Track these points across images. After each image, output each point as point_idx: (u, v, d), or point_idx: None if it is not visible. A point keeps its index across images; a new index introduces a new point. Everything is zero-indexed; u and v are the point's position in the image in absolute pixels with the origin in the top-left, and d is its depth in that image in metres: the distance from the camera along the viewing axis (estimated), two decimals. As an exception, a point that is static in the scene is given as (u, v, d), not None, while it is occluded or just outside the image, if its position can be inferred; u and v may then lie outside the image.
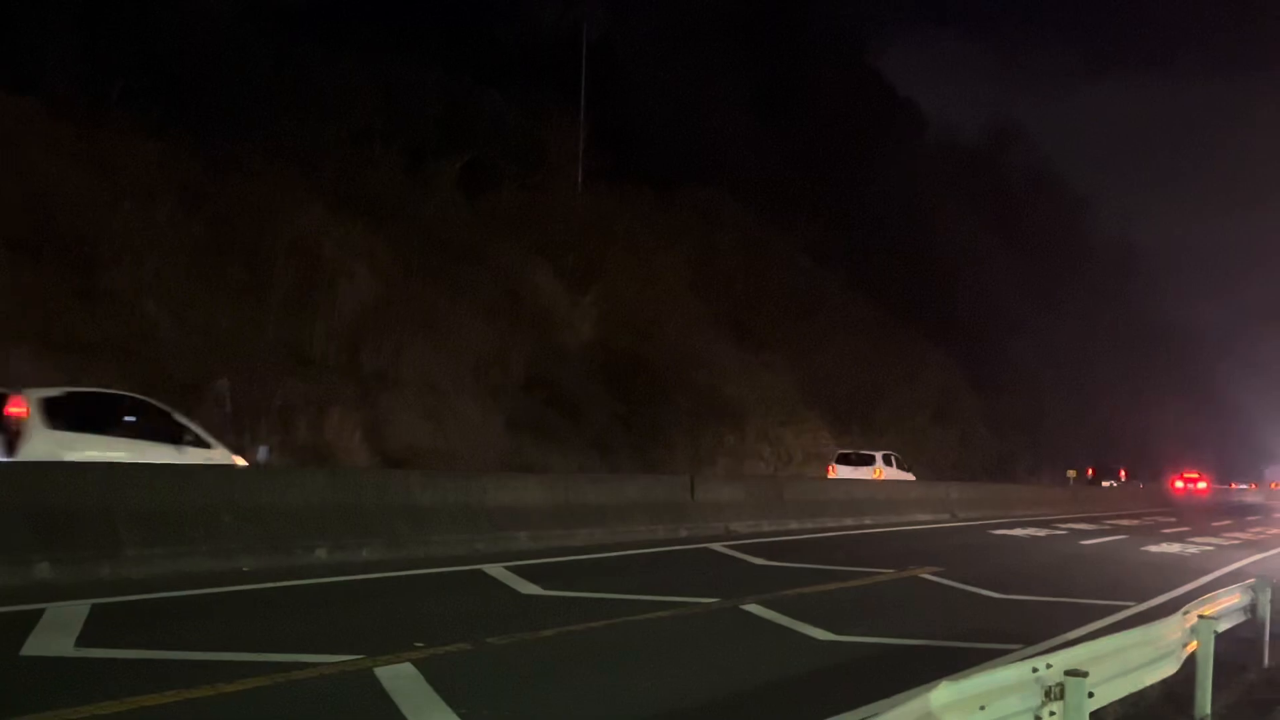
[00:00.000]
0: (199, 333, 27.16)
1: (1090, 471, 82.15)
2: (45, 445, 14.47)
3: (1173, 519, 39.78)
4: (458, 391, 32.09)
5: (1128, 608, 13.80)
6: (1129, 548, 24.86)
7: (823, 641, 10.72)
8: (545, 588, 12.98)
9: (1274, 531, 36.76)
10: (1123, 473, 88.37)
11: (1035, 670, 6.04)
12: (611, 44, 51.77)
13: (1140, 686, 7.78)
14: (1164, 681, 8.27)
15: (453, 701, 7.61)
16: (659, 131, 51.51)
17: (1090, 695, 6.29)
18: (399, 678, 8.13)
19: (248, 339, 28.09)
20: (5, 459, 14.04)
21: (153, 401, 16.65)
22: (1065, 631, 11.43)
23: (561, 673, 8.92)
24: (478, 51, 45.95)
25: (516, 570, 14.11)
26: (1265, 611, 10.94)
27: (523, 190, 42.43)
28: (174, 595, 11.22)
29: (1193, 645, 8.65)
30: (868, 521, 26.26)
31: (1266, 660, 10.76)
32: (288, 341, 29.55)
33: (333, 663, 8.49)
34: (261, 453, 23.86)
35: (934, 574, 16.53)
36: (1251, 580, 11.33)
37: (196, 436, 16.69)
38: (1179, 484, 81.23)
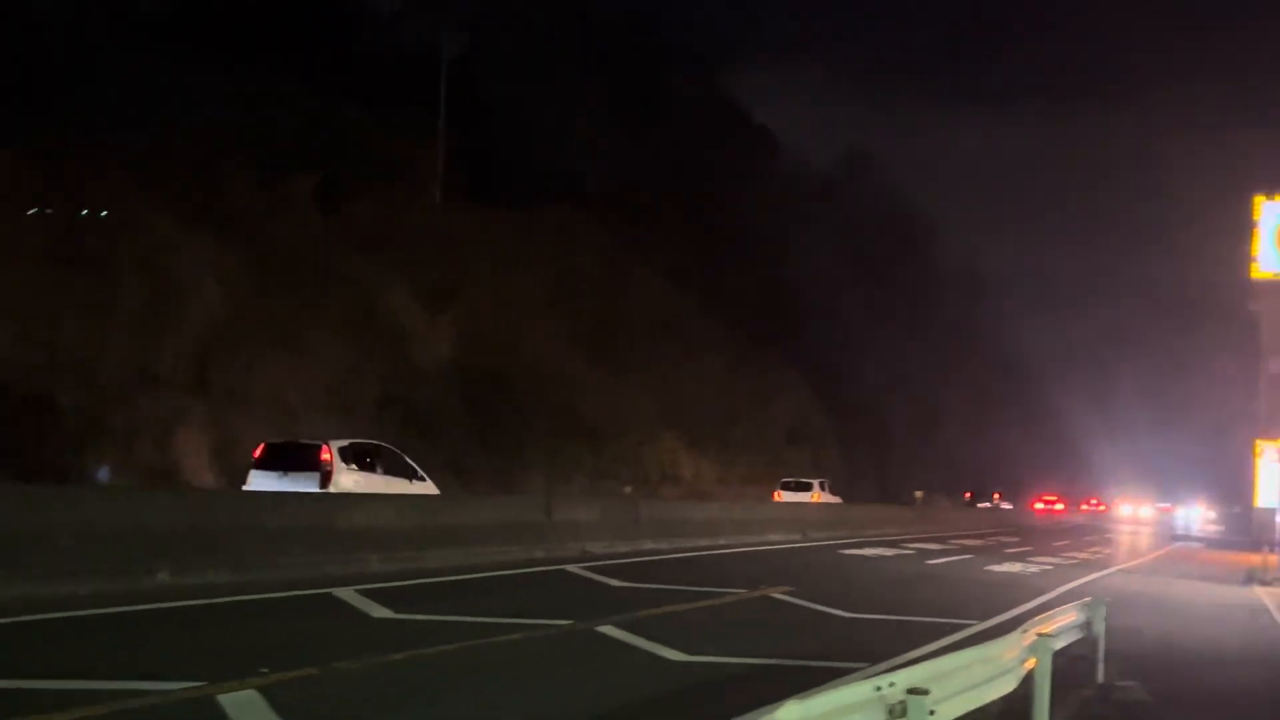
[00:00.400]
0: (41, 347, 26.16)
1: (968, 495, 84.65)
2: (345, 481, 19.73)
3: (1016, 539, 40.95)
4: (310, 410, 31.44)
5: (970, 626, 14.09)
6: (973, 567, 25.47)
7: (676, 662, 10.73)
8: (397, 611, 12.75)
9: (1108, 551, 38.16)
10: (996, 495, 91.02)
11: (878, 689, 6.12)
12: (472, 64, 51.39)
13: (981, 703, 7.93)
14: (1004, 698, 8.43)
15: (298, 729, 7.43)
16: (520, 152, 51.29)
17: (931, 713, 6.40)
18: (243, 705, 7.87)
19: (92, 355, 27.15)
20: (319, 490, 19.13)
21: (394, 448, 22.22)
22: (910, 650, 11.60)
23: (410, 698, 8.75)
24: (336, 68, 45.23)
25: (367, 594, 13.83)
26: (1099, 629, 11.29)
27: (380, 208, 41.87)
28: (3, 622, 10.72)
29: (1031, 662, 8.86)
30: (722, 541, 26.44)
31: (1101, 677, 11.08)
32: (134, 358, 28.64)
33: (172, 690, 8.19)
34: (101, 473, 23.12)
35: (785, 594, 16.69)
36: (1087, 599, 11.69)
37: (416, 471, 21.88)
38: (1039, 505, 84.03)
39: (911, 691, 6.19)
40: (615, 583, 17.02)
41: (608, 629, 12.20)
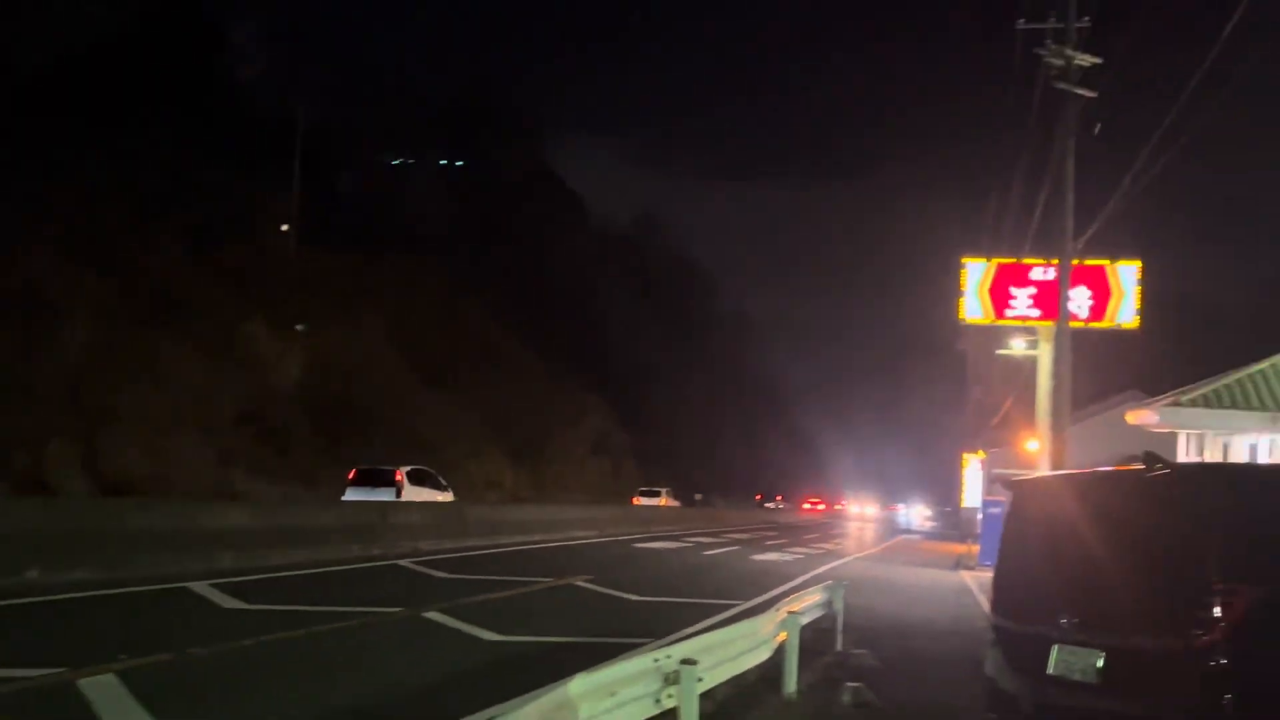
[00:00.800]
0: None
1: (759, 496, 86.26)
2: (408, 493, 25.40)
3: (775, 533, 41.89)
4: (175, 427, 30.08)
5: (736, 606, 14.37)
6: (741, 557, 25.93)
7: (491, 641, 10.66)
8: (247, 602, 12.31)
9: (847, 543, 39.46)
10: (779, 498, 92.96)
11: (656, 661, 6.23)
12: (325, 128, 50.23)
13: (741, 670, 8.13)
14: (761, 665, 8.67)
15: (152, 708, 7.09)
16: (366, 205, 50.46)
17: (700, 680, 6.55)
18: (101, 688, 7.49)
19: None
20: (395, 499, 24.36)
21: (429, 469, 28.11)
22: (686, 627, 11.80)
23: (258, 678, 8.47)
24: (204, 129, 43.55)
25: (221, 588, 13.31)
26: (839, 607, 11.71)
27: (240, 250, 40.45)
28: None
29: (783, 636, 9.12)
30: (536, 538, 26.35)
31: (839, 646, 11.47)
32: (9, 376, 26.91)
33: (35, 676, 7.72)
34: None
35: (586, 581, 16.74)
36: (829, 582, 12.12)
37: (443, 484, 27.91)
38: (806, 506, 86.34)
39: (684, 662, 6.32)
40: (441, 575, 16.78)
41: (433, 614, 12.04)
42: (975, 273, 23.88)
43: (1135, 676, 5.49)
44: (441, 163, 58.64)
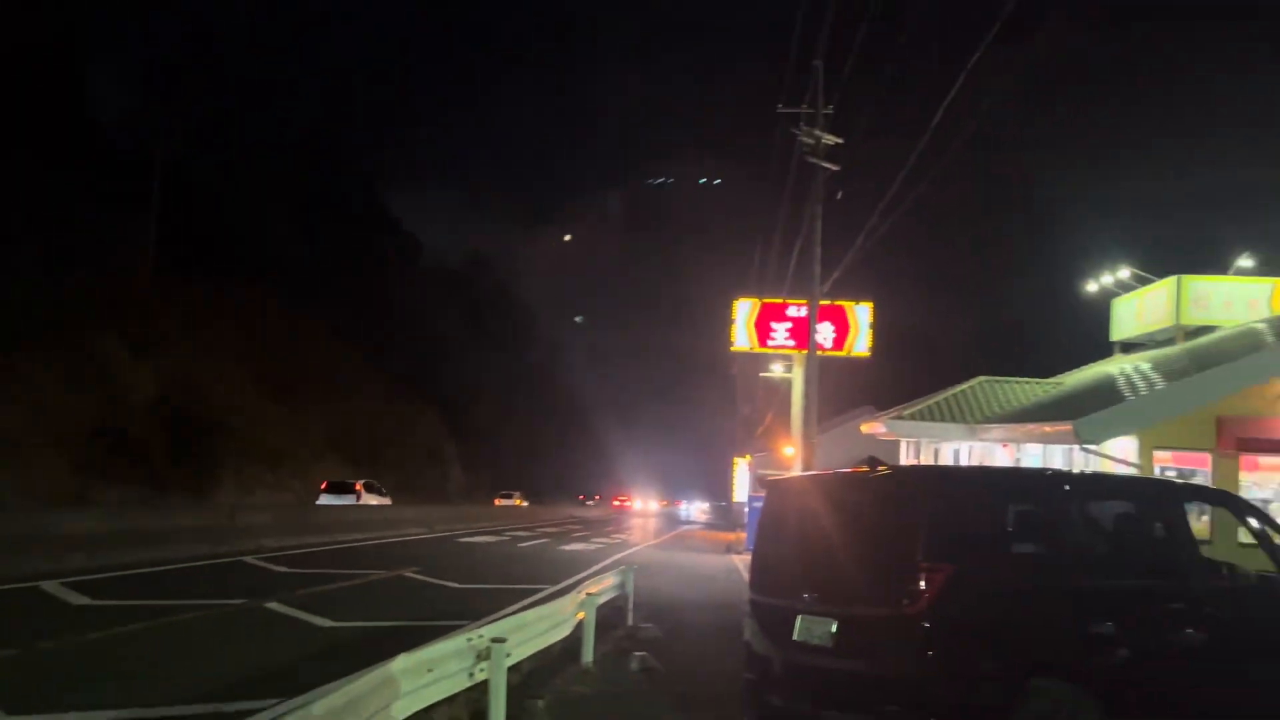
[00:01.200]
0: None
1: (581, 496, 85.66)
2: (366, 499, 29.89)
3: (580, 526, 41.98)
4: (32, 439, 27.58)
5: (545, 589, 14.32)
6: (551, 548, 25.88)
7: (327, 628, 10.26)
8: (96, 599, 11.41)
9: (640, 534, 39.92)
10: (598, 496, 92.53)
11: (470, 640, 6.15)
12: (184, 163, 47.20)
13: (545, 645, 8.13)
14: (563, 641, 8.68)
15: (1, 702, 6.48)
16: (222, 235, 47.94)
17: (508, 655, 6.50)
18: (-54, 685, 6.80)
19: None
20: (356, 503, 29.04)
21: (375, 481, 32.78)
22: (500, 609, 11.68)
23: (105, 668, 7.87)
24: (70, 152, 40.25)
25: (72, 586, 12.29)
26: (630, 589, 11.85)
27: (99, 275, 37.55)
28: None
29: (581, 615, 9.15)
30: (372, 535, 25.44)
31: (630, 621, 11.60)
32: None
33: (-122, 677, 6.95)
34: None
35: (415, 572, 16.34)
36: (623, 567, 12.25)
37: (384, 492, 32.42)
38: (615, 503, 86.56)
39: (495, 641, 6.26)
40: (283, 569, 16.01)
41: (274, 605, 11.49)
42: (744, 310, 24.76)
43: (860, 640, 5.78)
44: (290, 200, 56.22)
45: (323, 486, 31.39)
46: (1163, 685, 5.88)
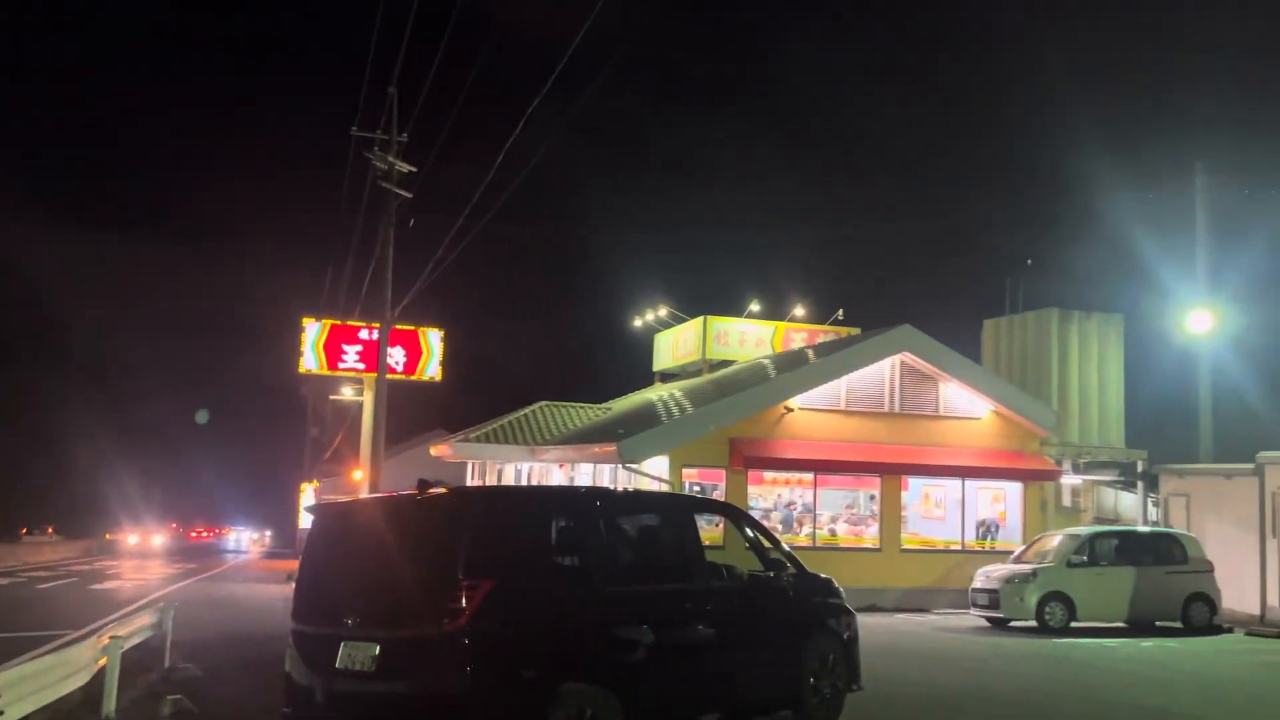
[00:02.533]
0: None
1: (174, 526, 74.57)
2: None
3: (115, 563, 37.14)
4: None
5: (65, 635, 12.47)
6: (80, 588, 22.69)
7: None
8: None
9: (192, 565, 36.38)
10: (173, 526, 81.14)
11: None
12: None
13: (57, 697, 7.15)
14: (83, 689, 7.69)
15: None
16: None
17: (2, 713, 5.62)
18: None
19: None
20: None
21: None
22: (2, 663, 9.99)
23: None
24: None
25: None
26: (169, 626, 10.76)
27: None
28: None
29: (103, 660, 8.14)
30: None
31: (167, 662, 10.53)
32: None
33: None
34: None
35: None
36: (161, 604, 11.12)
37: None
38: (193, 534, 77.50)
39: (-18, 698, 5.38)
40: None
41: None
42: (313, 331, 23.80)
43: (403, 662, 5.76)
44: None
45: None
46: (674, 676, 6.59)
